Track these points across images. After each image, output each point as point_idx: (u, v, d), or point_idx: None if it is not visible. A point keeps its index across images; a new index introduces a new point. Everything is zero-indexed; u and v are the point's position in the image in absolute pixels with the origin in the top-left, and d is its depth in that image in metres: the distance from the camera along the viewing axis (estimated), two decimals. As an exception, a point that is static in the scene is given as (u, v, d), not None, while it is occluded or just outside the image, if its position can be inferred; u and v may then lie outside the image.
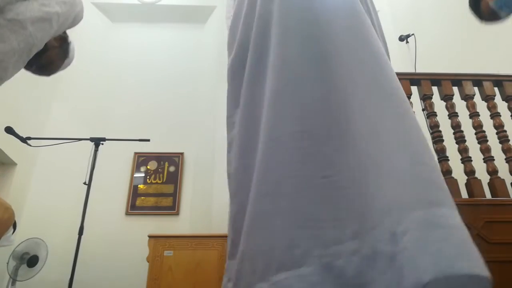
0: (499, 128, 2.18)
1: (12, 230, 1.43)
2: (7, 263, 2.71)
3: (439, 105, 2.30)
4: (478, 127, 2.20)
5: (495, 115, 2.20)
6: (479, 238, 1.83)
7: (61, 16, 1.07)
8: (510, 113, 2.22)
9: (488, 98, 2.31)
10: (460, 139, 2.17)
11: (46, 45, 1.12)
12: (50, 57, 1.23)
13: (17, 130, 2.54)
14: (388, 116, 0.60)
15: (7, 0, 0.97)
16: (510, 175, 2.09)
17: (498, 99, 2.28)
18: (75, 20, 1.22)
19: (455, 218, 0.51)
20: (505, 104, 2.27)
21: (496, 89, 2.32)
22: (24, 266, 2.79)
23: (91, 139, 2.93)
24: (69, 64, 1.36)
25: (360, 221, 0.56)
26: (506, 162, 2.12)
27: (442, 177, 0.57)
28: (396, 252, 0.50)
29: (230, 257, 0.69)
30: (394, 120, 0.59)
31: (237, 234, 0.66)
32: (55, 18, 1.04)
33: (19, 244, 2.81)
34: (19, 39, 0.93)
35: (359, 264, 0.53)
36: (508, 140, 2.15)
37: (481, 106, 2.31)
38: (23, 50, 0.95)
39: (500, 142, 2.16)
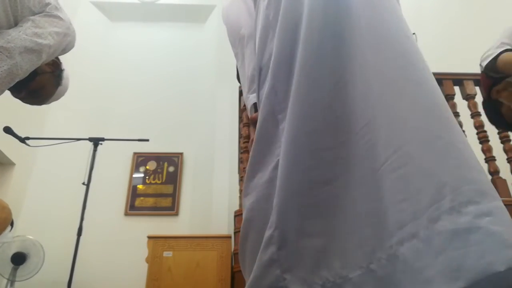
0: (501, 128, 2.17)
1: (10, 228, 1.40)
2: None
3: (440, 105, 2.29)
4: (479, 127, 2.19)
5: (496, 115, 2.19)
6: (481, 239, 1.81)
7: (52, 48, 1.03)
8: (511, 113, 2.21)
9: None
10: (461, 139, 2.16)
11: (36, 70, 1.07)
12: (40, 83, 1.16)
13: (15, 130, 2.53)
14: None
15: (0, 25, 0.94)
16: (511, 175, 2.08)
17: (499, 99, 2.27)
18: (66, 49, 1.16)
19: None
20: (506, 104, 2.26)
21: (497, 88, 2.31)
22: (23, 266, 2.78)
23: (90, 139, 2.92)
24: (63, 93, 1.29)
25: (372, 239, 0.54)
26: (508, 162, 2.10)
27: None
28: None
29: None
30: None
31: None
32: (46, 50, 1.00)
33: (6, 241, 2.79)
34: (3, 68, 0.89)
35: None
36: (510, 140, 2.13)
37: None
38: (5, 78, 0.90)
39: (501, 142, 2.15)
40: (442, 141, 0.50)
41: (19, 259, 2.78)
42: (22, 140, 2.58)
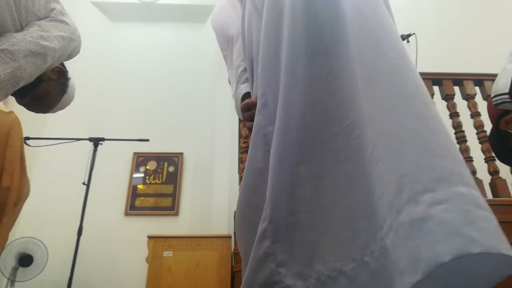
0: (501, 128, 2.17)
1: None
2: (-1, 259, 2.69)
3: (440, 105, 2.29)
4: (479, 127, 2.19)
5: (496, 115, 2.19)
6: (480, 239, 1.81)
7: (57, 52, 1.02)
8: (511, 113, 2.22)
9: (489, 98, 2.30)
10: (461, 139, 2.16)
11: (41, 76, 1.06)
12: (45, 89, 1.15)
13: (15, 130, 2.53)
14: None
15: (5, 28, 0.94)
16: (511, 175, 2.08)
17: (499, 99, 2.27)
18: (71, 55, 1.16)
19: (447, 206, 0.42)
20: (506, 104, 2.26)
21: (497, 88, 2.31)
22: (30, 267, 2.78)
23: (90, 139, 2.92)
24: (68, 103, 1.28)
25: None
26: (508, 162, 2.10)
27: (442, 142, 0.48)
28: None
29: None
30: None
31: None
32: (51, 54, 0.99)
33: (12, 241, 2.79)
34: (7, 70, 0.88)
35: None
36: (510, 140, 2.13)
37: (482, 106, 2.30)
38: (8, 81, 0.89)
39: (501, 142, 2.15)
40: (405, 130, 0.49)
41: (25, 260, 2.78)
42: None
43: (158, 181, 3.88)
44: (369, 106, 0.56)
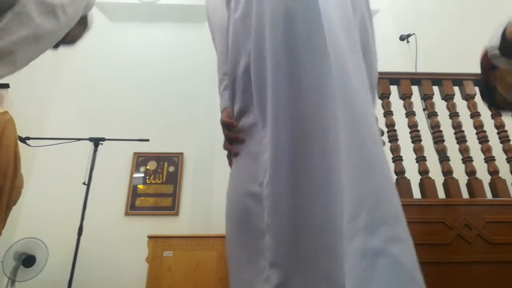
0: (500, 128, 2.17)
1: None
2: (2, 261, 2.69)
3: (440, 105, 2.29)
4: (479, 127, 2.19)
5: (496, 114, 2.19)
6: (480, 239, 1.82)
7: (66, 7, 1.07)
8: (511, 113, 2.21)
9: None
10: (461, 139, 2.16)
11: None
12: (73, 36, 1.26)
13: (15, 130, 2.53)
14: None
15: None
16: (511, 175, 2.08)
17: (499, 99, 2.27)
18: (87, 8, 1.23)
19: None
20: (506, 104, 2.26)
21: (497, 88, 2.31)
22: (32, 267, 2.79)
23: (90, 139, 2.93)
24: (89, 29, 1.38)
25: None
26: (507, 162, 2.11)
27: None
28: None
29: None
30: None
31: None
32: (60, 10, 1.05)
33: (15, 242, 2.79)
34: (27, 29, 0.94)
35: None
36: (509, 140, 2.14)
37: (482, 106, 2.30)
38: (30, 40, 0.96)
39: (501, 142, 2.16)
40: (369, 154, 0.49)
41: (28, 261, 2.78)
42: (22, 140, 2.58)
43: (158, 181, 3.88)
44: (341, 123, 0.56)
